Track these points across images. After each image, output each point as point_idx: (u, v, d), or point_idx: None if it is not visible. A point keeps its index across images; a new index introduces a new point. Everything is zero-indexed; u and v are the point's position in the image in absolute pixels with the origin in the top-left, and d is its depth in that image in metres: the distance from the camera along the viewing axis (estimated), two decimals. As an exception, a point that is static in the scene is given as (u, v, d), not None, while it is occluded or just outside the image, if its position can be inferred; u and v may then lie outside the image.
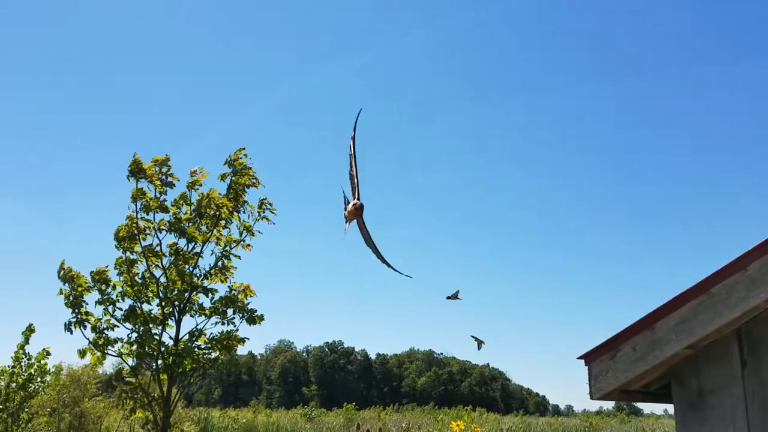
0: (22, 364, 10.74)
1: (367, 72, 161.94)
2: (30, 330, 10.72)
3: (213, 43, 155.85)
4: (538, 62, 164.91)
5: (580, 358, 3.22)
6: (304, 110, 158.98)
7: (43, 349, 10.89)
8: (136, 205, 7.63)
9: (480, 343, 8.43)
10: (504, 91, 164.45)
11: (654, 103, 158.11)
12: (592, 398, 3.20)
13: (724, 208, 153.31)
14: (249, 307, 7.92)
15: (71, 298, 7.58)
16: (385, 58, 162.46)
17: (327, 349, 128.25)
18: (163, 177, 7.68)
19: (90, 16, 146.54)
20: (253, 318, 7.86)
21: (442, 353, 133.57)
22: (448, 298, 7.45)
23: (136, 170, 7.58)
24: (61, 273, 7.65)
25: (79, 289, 7.61)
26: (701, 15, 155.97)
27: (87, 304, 7.67)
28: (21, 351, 10.64)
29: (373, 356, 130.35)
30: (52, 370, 11.41)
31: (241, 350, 8.31)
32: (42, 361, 10.79)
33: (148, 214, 7.66)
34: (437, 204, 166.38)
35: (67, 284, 7.63)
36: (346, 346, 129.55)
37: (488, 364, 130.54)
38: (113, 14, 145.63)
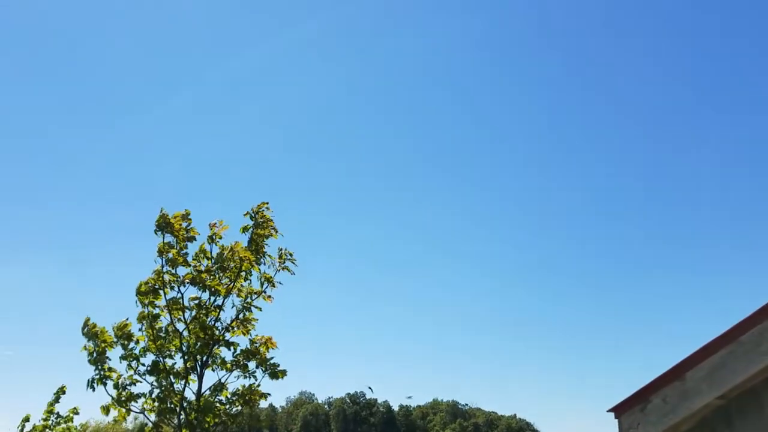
0: (50, 423, 10.74)
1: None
2: (62, 391, 10.77)
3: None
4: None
5: (610, 410, 3.16)
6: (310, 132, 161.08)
7: (73, 408, 10.89)
8: (162, 259, 7.69)
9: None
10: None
11: (682, 146, 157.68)
12: (623, 452, 3.11)
13: (753, 255, 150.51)
14: (272, 361, 7.87)
15: (94, 354, 7.60)
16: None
17: (349, 401, 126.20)
18: (185, 232, 7.79)
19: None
20: (275, 373, 7.80)
21: (467, 404, 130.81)
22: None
23: (164, 225, 7.68)
24: (85, 329, 7.69)
25: (103, 345, 7.63)
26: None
27: (110, 360, 7.68)
28: (51, 408, 10.66)
29: (395, 408, 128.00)
30: (79, 428, 11.38)
31: (262, 403, 8.22)
32: (69, 423, 10.78)
33: (173, 268, 7.72)
34: (462, 255, 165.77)
35: (91, 341, 7.66)
36: (368, 397, 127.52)
37: (515, 414, 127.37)
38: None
